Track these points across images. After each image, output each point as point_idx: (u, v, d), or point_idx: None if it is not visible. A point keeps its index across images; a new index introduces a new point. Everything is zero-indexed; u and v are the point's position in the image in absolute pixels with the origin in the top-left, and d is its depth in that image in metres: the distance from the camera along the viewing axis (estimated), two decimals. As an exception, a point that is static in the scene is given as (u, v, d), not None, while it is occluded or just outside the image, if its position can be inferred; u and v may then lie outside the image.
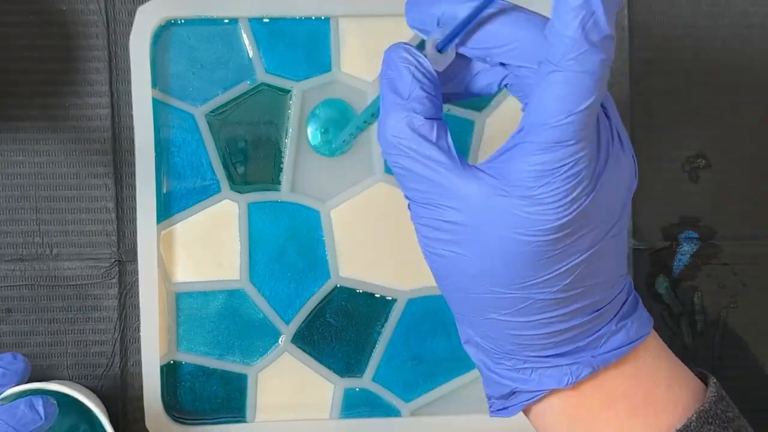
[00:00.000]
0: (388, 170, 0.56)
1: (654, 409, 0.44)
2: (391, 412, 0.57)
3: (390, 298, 0.57)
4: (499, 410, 0.45)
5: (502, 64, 0.43)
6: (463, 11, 0.41)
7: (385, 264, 0.57)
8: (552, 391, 0.44)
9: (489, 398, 0.46)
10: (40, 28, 0.55)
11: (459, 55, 0.42)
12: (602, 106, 0.42)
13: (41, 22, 0.55)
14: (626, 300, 0.44)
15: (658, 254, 0.58)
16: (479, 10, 0.40)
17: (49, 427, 0.47)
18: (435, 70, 0.42)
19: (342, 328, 0.57)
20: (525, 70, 0.42)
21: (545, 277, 0.41)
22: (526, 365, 0.44)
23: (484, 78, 0.44)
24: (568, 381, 0.43)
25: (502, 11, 0.41)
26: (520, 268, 0.41)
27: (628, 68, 0.58)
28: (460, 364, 0.57)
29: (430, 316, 0.57)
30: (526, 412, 0.45)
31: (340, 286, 0.57)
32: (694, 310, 0.58)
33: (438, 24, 0.42)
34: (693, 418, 0.43)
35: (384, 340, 0.57)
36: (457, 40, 0.41)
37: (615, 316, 0.44)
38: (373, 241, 0.57)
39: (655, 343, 0.45)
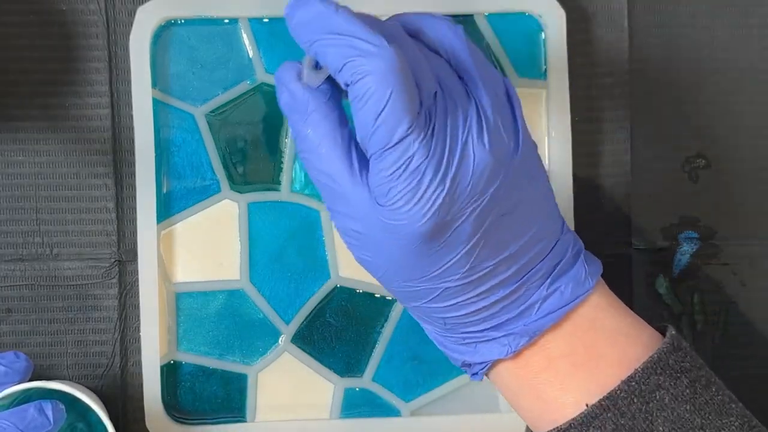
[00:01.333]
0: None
1: (596, 364, 0.44)
2: (391, 412, 0.57)
3: (390, 298, 0.57)
4: (473, 375, 0.47)
5: None
6: None
7: (385, 264, 0.57)
8: (498, 360, 0.45)
9: (460, 366, 0.48)
10: (40, 28, 0.55)
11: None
12: (467, 88, 0.43)
13: (41, 22, 0.55)
14: (560, 261, 0.45)
15: (658, 254, 0.58)
16: None
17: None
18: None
19: (342, 328, 0.57)
20: None
21: (442, 269, 0.42)
22: (467, 340, 0.45)
23: None
24: (507, 351, 0.44)
25: None
26: (414, 266, 0.43)
27: (628, 68, 0.58)
28: (460, 364, 0.57)
29: (430, 316, 0.57)
30: (488, 377, 0.47)
31: (340, 286, 0.57)
32: (694, 310, 0.58)
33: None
34: (639, 369, 0.43)
35: (384, 340, 0.57)
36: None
37: (546, 280, 0.44)
38: (373, 241, 0.57)
39: (599, 299, 0.45)
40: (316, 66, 0.43)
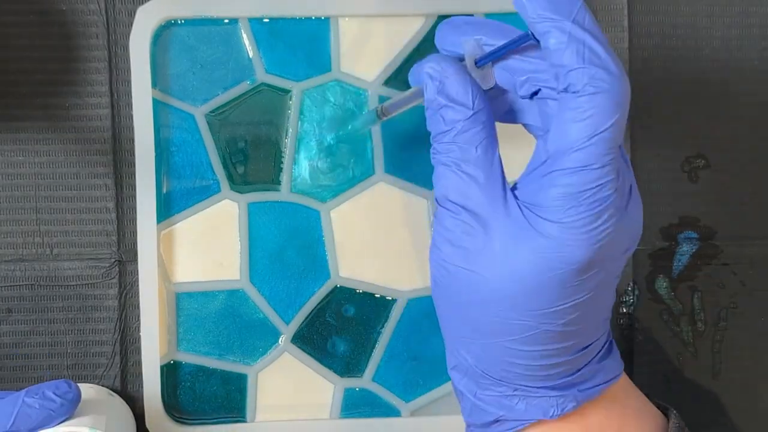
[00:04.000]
0: (388, 170, 0.56)
1: None
2: (391, 412, 0.57)
3: (390, 298, 0.57)
4: None
5: (529, 97, 0.43)
6: (499, 40, 0.42)
7: (385, 264, 0.57)
8: (535, 423, 0.44)
9: (468, 426, 0.46)
10: (40, 28, 0.55)
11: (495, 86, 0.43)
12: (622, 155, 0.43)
13: (41, 22, 0.55)
14: (606, 342, 0.46)
15: (658, 254, 0.58)
16: (521, 39, 0.41)
17: None
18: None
19: (342, 328, 0.57)
20: (549, 100, 0.42)
21: (557, 308, 0.41)
22: (515, 393, 0.44)
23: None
24: (554, 413, 0.44)
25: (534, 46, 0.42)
26: (540, 295, 0.41)
27: (628, 68, 0.57)
28: (460, 364, 0.57)
29: (430, 316, 0.57)
30: None
31: (340, 286, 0.57)
32: (694, 310, 0.58)
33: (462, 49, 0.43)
34: None
35: (384, 340, 0.57)
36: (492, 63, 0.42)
37: (596, 355, 0.45)
38: (373, 241, 0.57)
39: (625, 381, 0.47)
40: (476, 64, 0.42)
